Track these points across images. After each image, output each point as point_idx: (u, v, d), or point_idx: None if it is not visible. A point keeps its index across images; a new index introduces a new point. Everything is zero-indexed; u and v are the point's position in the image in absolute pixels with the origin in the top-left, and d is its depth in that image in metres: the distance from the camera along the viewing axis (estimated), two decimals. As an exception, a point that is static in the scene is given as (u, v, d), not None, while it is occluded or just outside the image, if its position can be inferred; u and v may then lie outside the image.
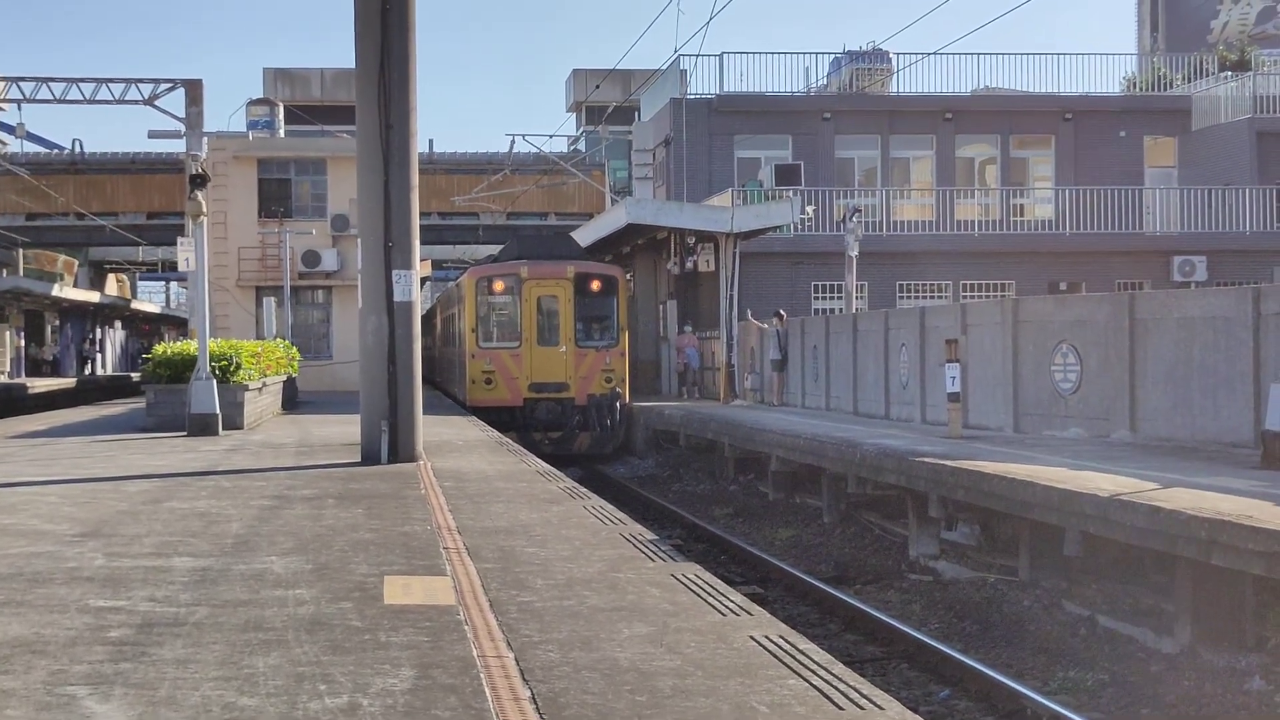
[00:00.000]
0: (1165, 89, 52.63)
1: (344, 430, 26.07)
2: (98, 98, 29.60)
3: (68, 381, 63.81)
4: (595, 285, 37.51)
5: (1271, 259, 45.39)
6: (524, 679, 7.21)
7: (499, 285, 37.66)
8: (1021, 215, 49.62)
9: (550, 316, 37.33)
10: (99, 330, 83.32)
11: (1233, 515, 12.73)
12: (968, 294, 45.47)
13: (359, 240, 20.59)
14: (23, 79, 29.64)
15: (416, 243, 20.41)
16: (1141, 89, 53.24)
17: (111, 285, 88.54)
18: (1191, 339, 20.36)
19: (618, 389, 37.14)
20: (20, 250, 69.23)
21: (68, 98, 29.65)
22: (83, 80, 29.68)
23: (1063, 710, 12.13)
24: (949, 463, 18.68)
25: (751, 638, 8.23)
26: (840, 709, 6.70)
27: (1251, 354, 19.04)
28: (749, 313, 39.72)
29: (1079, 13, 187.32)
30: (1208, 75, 51.53)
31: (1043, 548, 17.14)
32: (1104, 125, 49.72)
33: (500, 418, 35.08)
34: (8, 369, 64.36)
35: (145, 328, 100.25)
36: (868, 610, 17.00)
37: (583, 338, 37.26)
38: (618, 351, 37.44)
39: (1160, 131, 50.63)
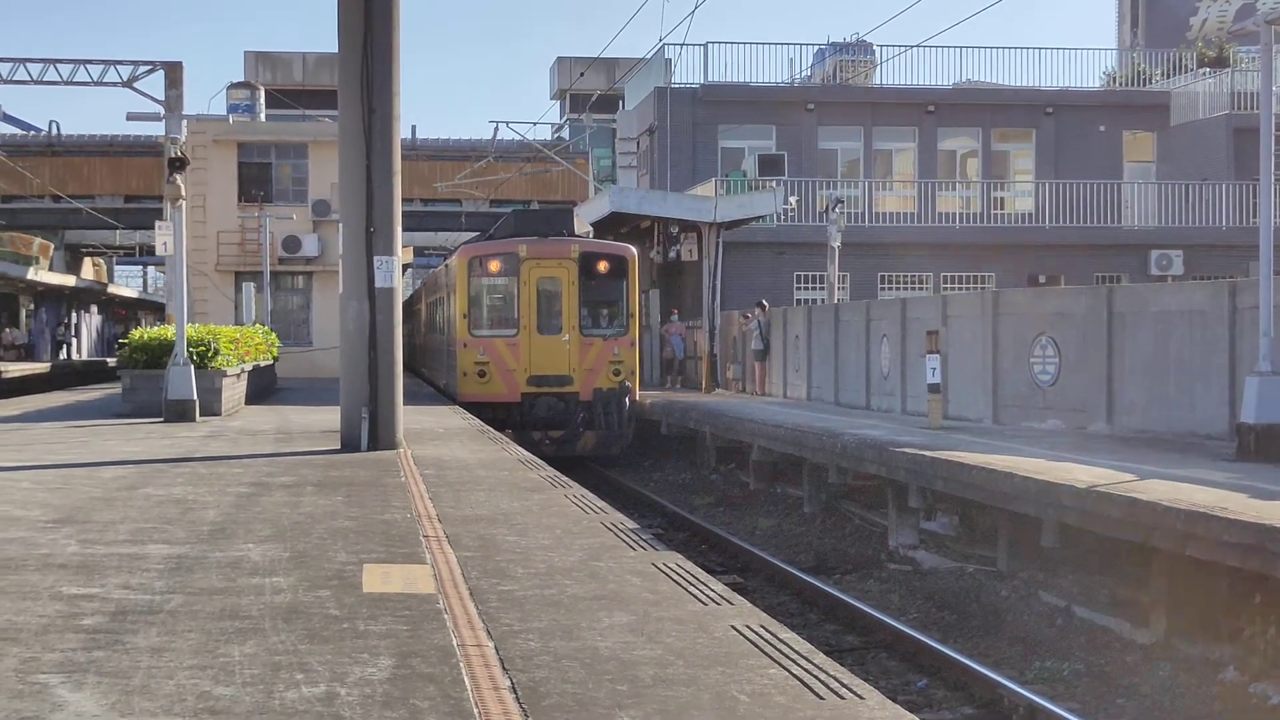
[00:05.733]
0: (1144, 85, 52.73)
1: (323, 417, 25.98)
2: (75, 79, 29.31)
3: (42, 366, 63.52)
4: (603, 266, 33.43)
5: (1247, 254, 45.24)
6: (504, 668, 7.18)
7: (495, 265, 33.36)
8: (1002, 208, 49.71)
9: (552, 301, 33.23)
10: (74, 314, 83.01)
11: (1208, 507, 12.76)
12: (949, 286, 45.54)
13: (340, 226, 20.52)
14: None
15: (399, 229, 20.35)
16: (1121, 84, 53.32)
17: (88, 269, 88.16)
18: (1169, 332, 20.44)
19: (627, 382, 33.12)
20: (-5, 233, 68.93)
21: (45, 79, 29.37)
22: (60, 61, 29.42)
23: (1039, 700, 12.15)
24: (929, 453, 18.70)
25: (732, 627, 8.21)
26: (820, 698, 6.68)
27: (1227, 347, 19.14)
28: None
29: (1060, 8, 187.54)
30: (1186, 71, 51.64)
31: (1021, 538, 17.18)
32: (1084, 120, 49.85)
33: (495, 414, 31.53)
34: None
35: (122, 312, 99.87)
36: (848, 600, 17.02)
37: (588, 325, 33.19)
38: (627, 341, 33.39)
39: (1139, 127, 50.76)
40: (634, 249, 34.92)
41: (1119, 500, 13.89)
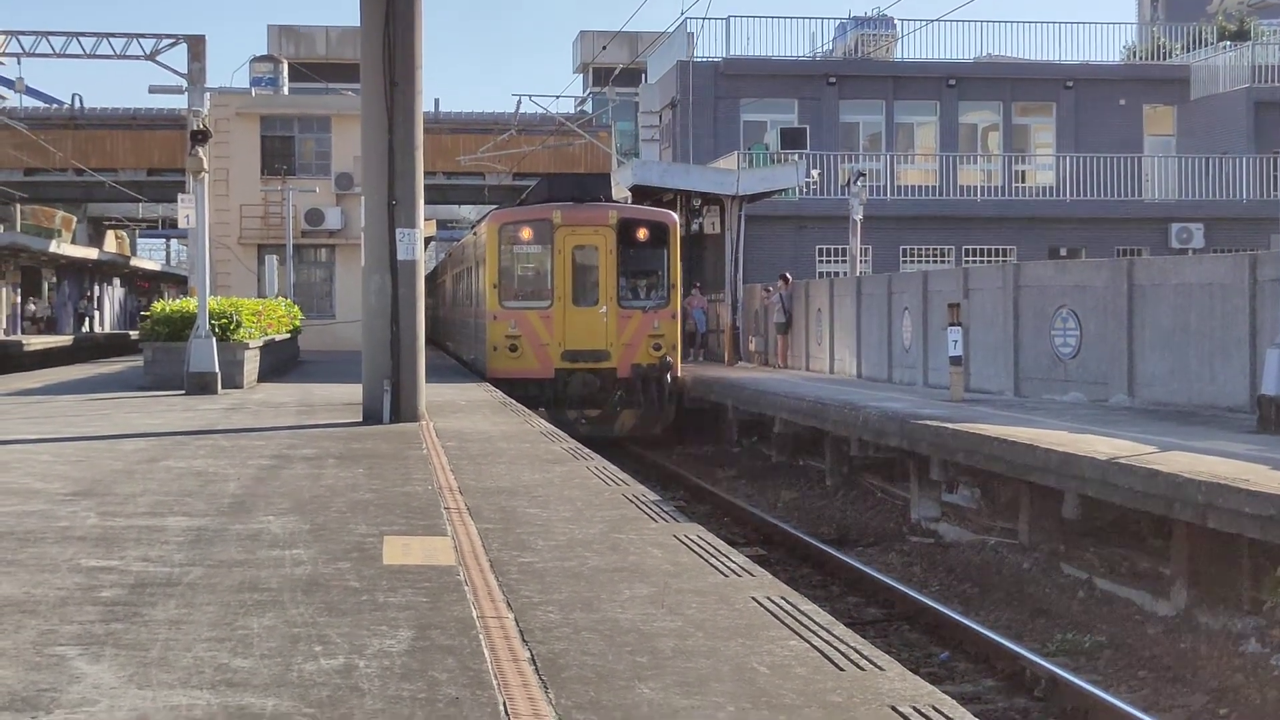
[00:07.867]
0: (1164, 58, 52.61)
1: (345, 390, 25.94)
2: (98, 52, 29.35)
3: (64, 339, 63.59)
4: (642, 234, 31.57)
5: (1268, 226, 45.31)
6: (524, 640, 7.18)
7: (527, 232, 31.57)
8: (1023, 181, 49.64)
9: (588, 271, 31.49)
10: (97, 287, 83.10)
11: (1229, 478, 12.73)
12: (970, 259, 45.52)
13: (363, 199, 20.54)
14: (22, 33, 29.45)
15: (421, 202, 20.37)
16: (1141, 58, 53.20)
17: (110, 242, 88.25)
18: (1189, 305, 20.37)
19: (668, 358, 31.37)
20: (18, 205, 68.91)
21: (68, 52, 29.42)
22: (83, 34, 29.46)
23: (1061, 672, 12.14)
24: (950, 426, 18.67)
25: (753, 599, 8.20)
26: (841, 670, 6.67)
27: (1248, 320, 19.07)
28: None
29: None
30: (1206, 45, 51.47)
31: (1042, 510, 17.14)
32: (1104, 93, 49.74)
33: (527, 391, 29.66)
34: (3, 325, 64.21)
35: (144, 285, 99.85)
36: (869, 572, 17.02)
37: (627, 297, 31.52)
38: (668, 313, 31.66)
39: (1159, 100, 50.65)
40: (675, 215, 33.49)
41: (1140, 472, 13.85)
